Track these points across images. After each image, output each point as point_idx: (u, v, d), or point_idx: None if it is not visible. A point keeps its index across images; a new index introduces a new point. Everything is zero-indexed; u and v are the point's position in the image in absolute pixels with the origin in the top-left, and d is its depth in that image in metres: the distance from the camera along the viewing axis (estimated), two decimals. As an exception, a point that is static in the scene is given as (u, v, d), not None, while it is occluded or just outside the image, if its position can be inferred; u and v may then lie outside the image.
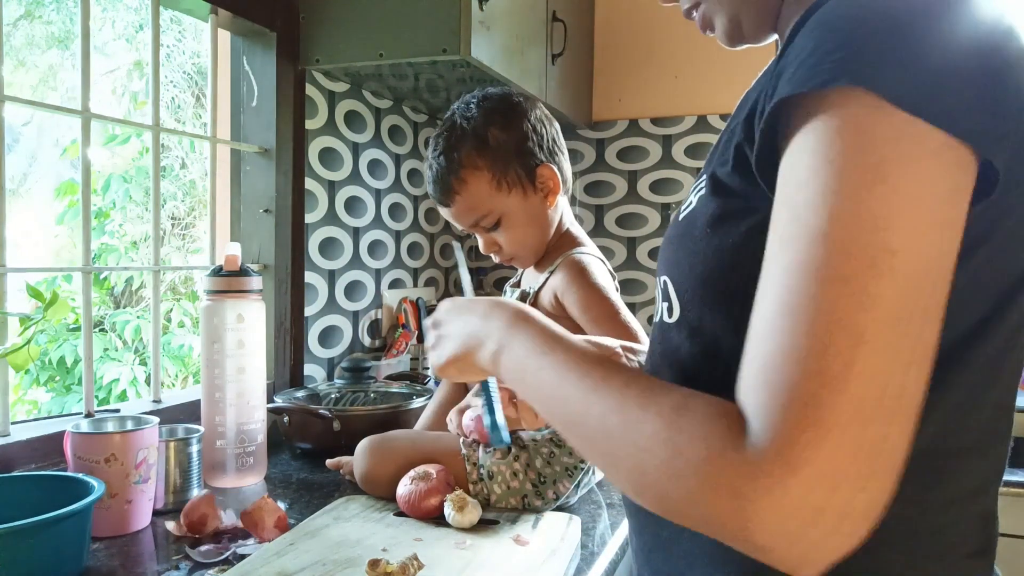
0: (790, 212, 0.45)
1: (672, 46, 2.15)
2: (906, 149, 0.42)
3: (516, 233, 1.12)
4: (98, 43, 4.36)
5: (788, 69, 0.47)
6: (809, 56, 0.46)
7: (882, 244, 0.41)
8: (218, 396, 1.15)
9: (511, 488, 1.03)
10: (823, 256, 0.42)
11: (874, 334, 0.41)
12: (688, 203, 0.61)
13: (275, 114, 1.51)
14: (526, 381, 0.59)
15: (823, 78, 0.44)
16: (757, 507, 0.40)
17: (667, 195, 2.18)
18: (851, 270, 0.41)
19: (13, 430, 1.11)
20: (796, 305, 0.42)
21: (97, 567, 0.87)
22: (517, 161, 1.09)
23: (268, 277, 1.52)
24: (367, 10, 1.47)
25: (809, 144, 0.45)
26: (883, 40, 0.44)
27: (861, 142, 0.43)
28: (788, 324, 0.42)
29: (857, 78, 0.43)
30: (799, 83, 0.45)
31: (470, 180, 1.09)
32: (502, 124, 1.09)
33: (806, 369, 0.41)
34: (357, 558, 0.83)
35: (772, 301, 0.44)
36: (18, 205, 4.45)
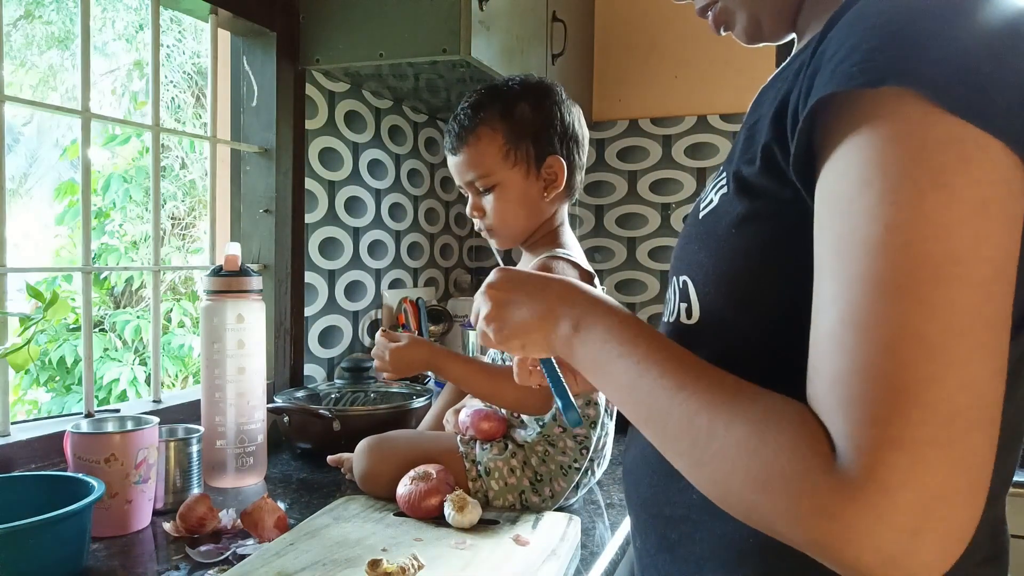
0: (844, 223, 0.44)
1: (672, 46, 2.15)
2: (961, 154, 0.42)
3: (504, 206, 1.12)
4: (98, 43, 4.36)
5: (827, 66, 0.46)
6: (852, 52, 0.45)
7: (946, 252, 0.41)
8: (218, 396, 1.15)
9: (508, 484, 1.03)
10: (886, 268, 0.41)
11: (948, 344, 0.40)
12: (709, 201, 0.60)
13: (275, 114, 1.51)
14: (602, 370, 0.57)
15: (869, 76, 0.43)
16: (852, 530, 0.40)
17: (667, 195, 2.18)
18: (917, 281, 0.41)
19: (13, 430, 1.11)
20: (864, 320, 0.42)
21: (97, 567, 0.87)
22: (532, 140, 1.11)
23: (268, 277, 1.52)
24: (367, 10, 1.47)
25: (859, 151, 0.44)
26: (929, 39, 0.43)
27: (914, 148, 0.42)
28: (858, 339, 0.42)
29: (906, 79, 0.43)
30: (843, 80, 0.44)
31: (484, 137, 1.10)
32: (534, 103, 1.12)
33: (885, 386, 0.40)
34: (357, 558, 0.83)
35: (837, 316, 0.43)
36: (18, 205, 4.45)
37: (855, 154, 0.44)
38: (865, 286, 0.42)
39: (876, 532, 0.39)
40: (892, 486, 0.39)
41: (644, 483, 0.65)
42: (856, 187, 0.44)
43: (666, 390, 0.51)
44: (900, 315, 0.41)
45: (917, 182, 0.42)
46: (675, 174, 2.17)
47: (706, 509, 0.58)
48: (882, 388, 0.40)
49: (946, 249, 0.41)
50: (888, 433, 0.39)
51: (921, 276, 0.41)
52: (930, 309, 0.40)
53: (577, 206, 2.24)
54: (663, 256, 2.19)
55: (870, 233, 0.42)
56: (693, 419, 0.48)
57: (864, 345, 0.41)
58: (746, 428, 0.46)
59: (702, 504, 0.58)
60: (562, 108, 1.13)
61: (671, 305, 0.65)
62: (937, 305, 0.40)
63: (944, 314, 0.40)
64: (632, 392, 0.54)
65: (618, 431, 1.15)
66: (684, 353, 0.53)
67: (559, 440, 1.06)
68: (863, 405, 0.41)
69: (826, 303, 0.44)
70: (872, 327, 0.41)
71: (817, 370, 0.44)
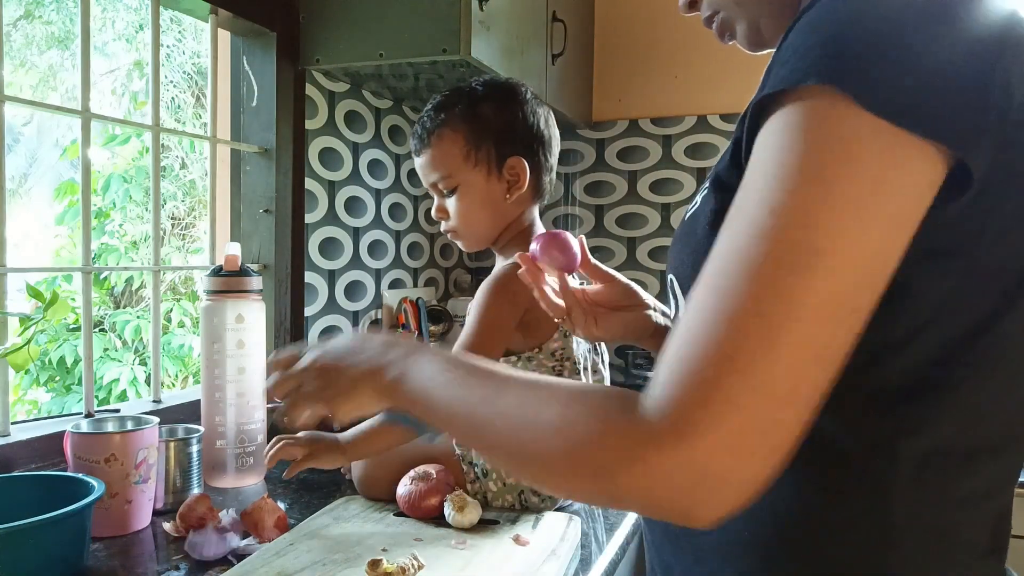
0: (739, 201, 0.47)
1: (672, 46, 2.15)
2: (855, 149, 0.43)
3: (466, 208, 1.10)
4: (98, 43, 4.36)
5: (775, 68, 0.48)
6: (792, 56, 0.47)
7: (809, 243, 0.43)
8: (218, 396, 1.15)
9: (507, 484, 1.03)
10: (753, 247, 0.44)
11: (787, 330, 0.42)
12: (694, 203, 0.62)
13: (275, 114, 1.51)
14: (430, 400, 0.59)
15: (796, 77, 0.45)
16: (648, 464, 0.43)
17: (667, 195, 2.18)
18: (777, 263, 0.43)
19: (13, 430, 1.11)
20: (721, 289, 0.44)
21: (97, 567, 0.87)
22: (493, 142, 1.09)
23: (268, 277, 1.52)
24: (367, 10, 1.47)
25: (769, 137, 0.47)
26: (861, 38, 0.45)
27: (811, 139, 0.44)
28: (710, 305, 0.45)
29: (826, 76, 0.44)
30: (777, 82, 0.47)
31: (445, 138, 1.09)
32: (496, 104, 1.10)
33: (717, 352, 0.43)
34: (357, 558, 0.83)
35: (704, 281, 0.46)
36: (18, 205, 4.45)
37: (765, 139, 0.47)
38: (732, 258, 0.45)
39: (668, 465, 0.42)
40: (688, 434, 0.42)
41: None
42: (756, 168, 0.47)
43: (486, 395, 0.54)
44: (751, 292, 0.43)
45: (802, 171, 0.44)
46: (675, 174, 2.17)
47: None
48: (714, 352, 0.43)
49: (810, 240, 0.43)
50: (703, 392, 0.42)
51: (782, 260, 0.43)
52: (779, 292, 0.42)
53: (577, 206, 2.24)
54: (663, 256, 2.18)
55: (751, 212, 0.45)
56: (513, 413, 0.51)
57: (713, 310, 0.44)
58: (559, 404, 0.49)
59: None
60: (526, 108, 1.11)
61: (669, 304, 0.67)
62: (787, 289, 0.42)
63: (793, 299, 0.42)
64: (459, 409, 0.56)
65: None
66: (491, 365, 0.57)
67: None
68: (692, 362, 0.43)
69: (704, 269, 0.47)
70: (725, 296, 0.44)
71: (675, 325, 0.48)
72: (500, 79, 1.15)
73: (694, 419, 0.42)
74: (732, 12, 0.66)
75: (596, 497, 0.48)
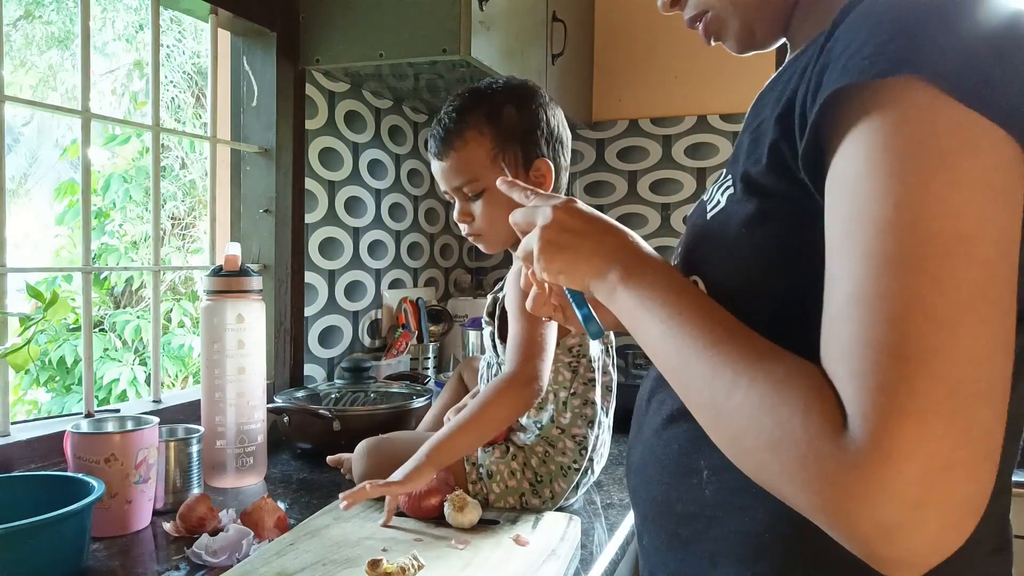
0: (853, 204, 0.45)
1: (672, 46, 2.15)
2: (968, 139, 0.43)
3: (493, 211, 1.08)
4: (98, 43, 4.36)
5: (836, 62, 0.47)
6: (862, 47, 0.46)
7: (953, 231, 0.41)
8: (218, 396, 1.15)
9: (509, 487, 1.03)
10: (893, 244, 0.42)
11: (954, 318, 0.40)
12: (716, 203, 0.61)
13: (275, 114, 1.51)
14: (639, 319, 0.57)
15: (880, 68, 0.44)
16: (854, 498, 0.40)
17: (667, 195, 2.18)
18: (924, 257, 0.41)
19: (13, 430, 1.11)
20: (872, 293, 0.42)
21: (97, 567, 0.87)
22: (520, 144, 1.08)
23: (268, 277, 1.52)
24: (367, 10, 1.47)
25: (868, 135, 0.45)
26: (936, 32, 0.44)
27: (923, 132, 0.43)
28: (866, 312, 0.42)
29: (914, 68, 0.43)
30: (854, 73, 0.45)
31: (471, 142, 1.07)
32: (519, 105, 1.09)
33: (892, 356, 0.41)
34: (357, 558, 0.83)
35: (845, 291, 0.44)
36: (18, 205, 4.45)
37: (864, 139, 0.45)
38: (873, 262, 0.43)
39: (877, 502, 0.39)
40: (896, 456, 0.39)
41: (653, 481, 0.65)
42: (865, 169, 0.45)
43: (696, 343, 0.52)
44: (907, 289, 0.41)
45: (925, 163, 0.43)
46: (675, 174, 2.17)
47: (720, 505, 0.58)
48: (889, 359, 0.41)
49: (953, 228, 0.41)
50: (895, 403, 0.40)
51: (928, 252, 0.41)
52: (937, 284, 0.41)
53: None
54: (663, 256, 2.18)
55: (878, 212, 0.43)
56: (718, 373, 0.49)
57: (872, 317, 0.42)
58: (766, 386, 0.46)
59: (715, 500, 0.59)
60: (547, 110, 1.11)
61: None
62: (944, 280, 0.41)
63: (951, 289, 0.41)
64: (664, 342, 0.54)
65: (617, 429, 1.15)
66: (720, 311, 0.54)
67: (558, 441, 1.06)
68: (871, 376, 0.41)
69: (836, 280, 0.45)
70: (879, 300, 0.42)
71: (829, 344, 0.45)
72: (516, 81, 1.14)
73: (895, 432, 0.39)
74: (726, 12, 0.65)
75: (792, 504, 0.45)
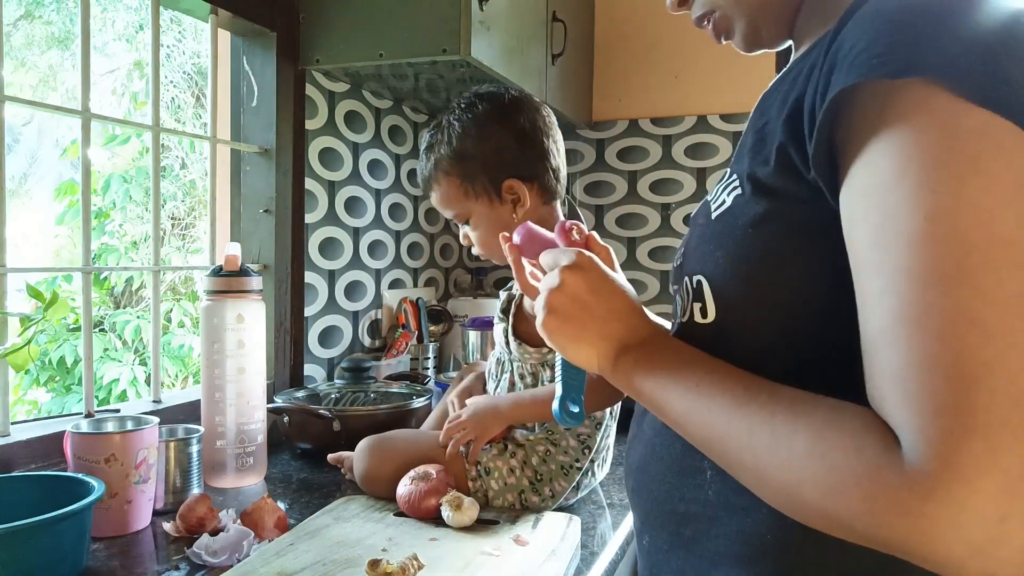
0: (881, 215, 0.44)
1: (672, 46, 2.15)
2: (994, 142, 0.42)
3: (482, 235, 1.15)
4: (98, 43, 4.36)
5: (844, 61, 0.47)
6: (871, 45, 0.45)
7: (992, 236, 0.41)
8: (218, 396, 1.15)
9: (508, 484, 1.03)
10: (932, 257, 0.41)
11: (1005, 327, 0.40)
12: (721, 202, 0.60)
13: (275, 114, 1.51)
14: (658, 400, 0.57)
15: (893, 67, 0.44)
16: (936, 525, 0.39)
17: (667, 195, 2.18)
18: (965, 267, 0.41)
19: (13, 430, 1.11)
20: (916, 311, 0.41)
21: (97, 567, 0.87)
22: (485, 173, 1.11)
23: (268, 277, 1.52)
24: (367, 10, 1.47)
25: (890, 142, 0.44)
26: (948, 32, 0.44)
27: (948, 137, 0.42)
28: (913, 332, 0.41)
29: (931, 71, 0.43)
30: (865, 70, 0.45)
31: (441, 181, 1.14)
32: (476, 135, 1.11)
33: (948, 375, 0.40)
34: (357, 558, 0.83)
35: (887, 311, 0.43)
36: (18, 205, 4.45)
37: (886, 146, 0.44)
38: (913, 277, 0.42)
39: (961, 523, 0.39)
40: (971, 474, 0.38)
41: (655, 480, 0.65)
42: (891, 178, 0.44)
43: (724, 410, 0.51)
44: (953, 303, 0.40)
45: (955, 170, 0.42)
46: (675, 174, 2.17)
47: (722, 505, 0.58)
48: (945, 378, 0.40)
49: (991, 233, 0.41)
50: (959, 422, 0.39)
51: (969, 262, 0.41)
52: (982, 293, 0.40)
53: (577, 206, 2.24)
54: (663, 256, 2.18)
55: (911, 223, 0.42)
56: (754, 434, 0.48)
57: (920, 336, 0.41)
58: (808, 435, 0.45)
59: (718, 500, 0.58)
60: (514, 125, 1.12)
61: (682, 305, 0.64)
62: (989, 289, 0.40)
63: (997, 297, 0.40)
64: (690, 416, 0.54)
65: (619, 431, 1.15)
66: (737, 372, 0.54)
67: (562, 439, 1.06)
68: (928, 397, 0.40)
69: (873, 299, 0.44)
70: (926, 317, 0.41)
71: (875, 368, 0.44)
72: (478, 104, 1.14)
73: (964, 451, 0.38)
74: (731, 11, 0.66)
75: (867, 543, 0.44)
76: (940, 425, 0.39)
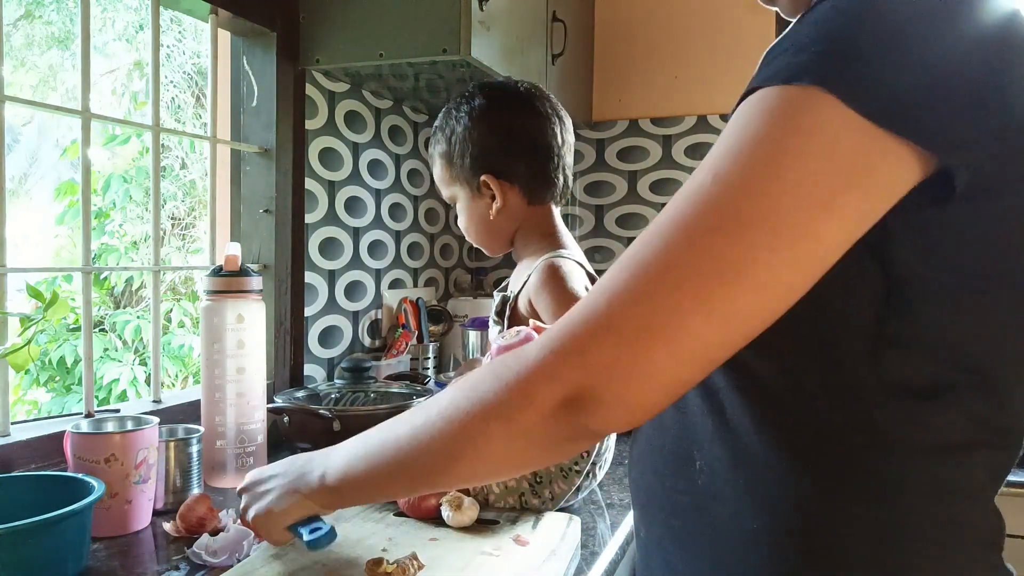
0: (695, 173, 0.50)
1: (672, 46, 2.15)
2: (821, 139, 0.44)
3: (464, 222, 1.21)
4: (98, 43, 4.36)
5: (772, 57, 0.49)
6: (790, 48, 0.47)
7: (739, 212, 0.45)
8: (218, 396, 1.15)
9: (508, 487, 1.03)
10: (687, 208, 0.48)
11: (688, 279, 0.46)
12: None
13: (275, 114, 1.51)
14: (358, 470, 0.67)
15: (788, 74, 0.46)
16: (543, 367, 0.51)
17: (667, 195, 2.18)
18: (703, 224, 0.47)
19: (13, 430, 1.11)
20: (645, 240, 0.49)
21: (97, 567, 0.87)
22: (466, 164, 1.15)
23: (268, 277, 1.52)
24: (367, 10, 1.47)
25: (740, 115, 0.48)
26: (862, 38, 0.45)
27: (778, 123, 0.45)
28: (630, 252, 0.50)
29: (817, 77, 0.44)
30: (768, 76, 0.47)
31: (436, 160, 1.21)
32: (467, 125, 1.15)
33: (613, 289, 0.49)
34: (357, 558, 0.83)
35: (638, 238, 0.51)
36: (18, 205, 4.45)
37: (736, 118, 0.49)
38: (665, 214, 0.49)
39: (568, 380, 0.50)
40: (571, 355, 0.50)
41: (650, 471, 0.65)
42: (719, 141, 0.49)
43: (405, 430, 0.62)
44: (671, 243, 0.47)
45: (761, 149, 0.45)
46: (675, 174, 2.17)
47: (710, 495, 0.58)
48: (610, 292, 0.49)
49: (744, 209, 0.45)
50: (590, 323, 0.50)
51: (709, 221, 0.46)
52: (694, 248, 0.46)
53: (577, 206, 2.24)
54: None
55: (700, 177, 0.48)
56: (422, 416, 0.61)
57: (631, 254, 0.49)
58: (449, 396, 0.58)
59: (706, 491, 0.59)
60: (499, 120, 1.13)
61: None
62: (704, 247, 0.46)
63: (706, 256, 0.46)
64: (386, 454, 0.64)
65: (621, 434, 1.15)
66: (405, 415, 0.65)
67: None
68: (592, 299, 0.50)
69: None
70: (645, 246, 0.49)
71: None
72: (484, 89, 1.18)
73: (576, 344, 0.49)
74: None
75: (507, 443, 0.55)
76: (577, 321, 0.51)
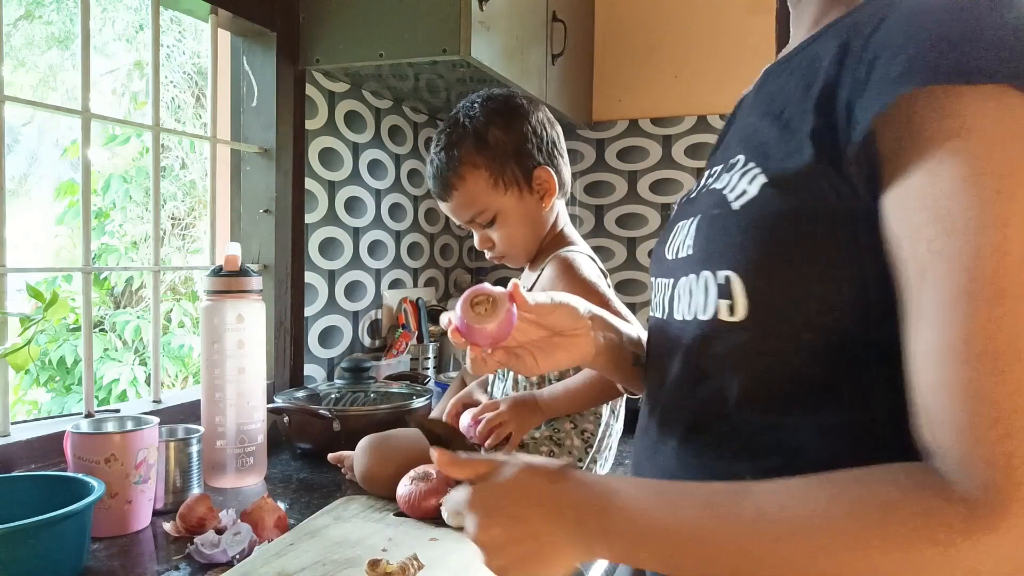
0: (944, 226, 0.43)
1: (672, 46, 2.15)
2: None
3: (510, 231, 1.13)
4: (98, 43, 4.36)
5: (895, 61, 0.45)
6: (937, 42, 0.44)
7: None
8: (218, 396, 1.15)
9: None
10: (996, 273, 0.40)
11: None
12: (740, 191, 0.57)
13: (275, 114, 1.51)
14: (647, 537, 0.51)
15: (956, 71, 0.43)
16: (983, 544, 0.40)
17: (667, 195, 2.18)
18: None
19: (13, 430, 1.11)
20: (974, 330, 0.41)
21: (97, 567, 0.87)
22: (515, 162, 1.10)
23: (268, 277, 1.52)
24: (367, 10, 1.47)
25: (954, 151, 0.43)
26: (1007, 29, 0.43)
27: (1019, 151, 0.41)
28: (967, 360, 0.41)
29: (998, 75, 0.42)
30: (930, 74, 0.43)
31: (468, 177, 1.10)
32: (503, 125, 1.10)
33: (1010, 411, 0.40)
34: (357, 558, 0.83)
35: (947, 325, 0.42)
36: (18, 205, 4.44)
37: (948, 153, 0.43)
38: (975, 294, 0.41)
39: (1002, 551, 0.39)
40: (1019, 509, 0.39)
41: None
42: (958, 188, 0.42)
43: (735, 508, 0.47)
44: (1012, 324, 0.40)
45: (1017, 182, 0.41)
46: (675, 174, 2.17)
47: None
48: (998, 412, 0.40)
49: None
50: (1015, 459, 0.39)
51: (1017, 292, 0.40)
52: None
53: (577, 206, 2.24)
54: (663, 256, 2.18)
55: (979, 236, 0.41)
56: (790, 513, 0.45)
57: (977, 365, 0.40)
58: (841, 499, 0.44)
59: None
60: (532, 118, 1.13)
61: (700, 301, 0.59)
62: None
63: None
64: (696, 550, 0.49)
65: (625, 431, 1.15)
66: (717, 487, 0.50)
67: (566, 439, 1.06)
68: (983, 429, 0.40)
69: (930, 311, 0.43)
70: (989, 341, 0.40)
71: (926, 382, 0.43)
72: (493, 99, 1.15)
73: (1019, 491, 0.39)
74: None
75: None
76: (1003, 450, 0.39)
